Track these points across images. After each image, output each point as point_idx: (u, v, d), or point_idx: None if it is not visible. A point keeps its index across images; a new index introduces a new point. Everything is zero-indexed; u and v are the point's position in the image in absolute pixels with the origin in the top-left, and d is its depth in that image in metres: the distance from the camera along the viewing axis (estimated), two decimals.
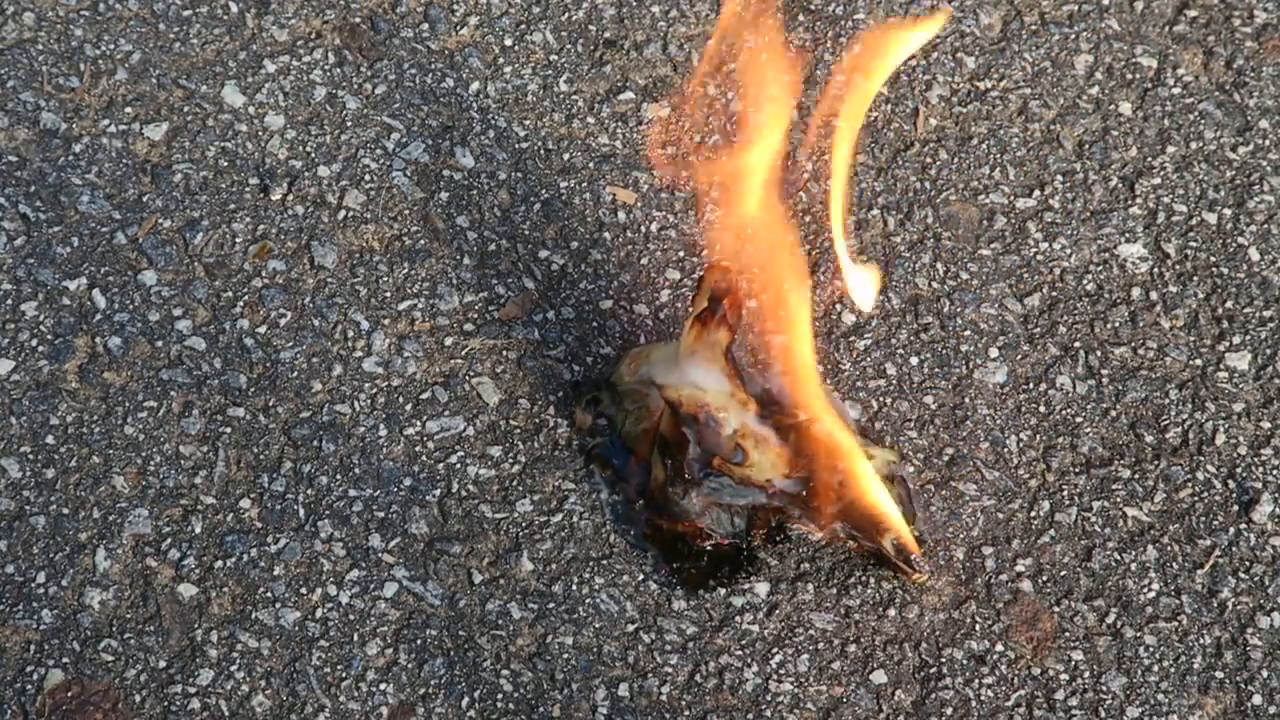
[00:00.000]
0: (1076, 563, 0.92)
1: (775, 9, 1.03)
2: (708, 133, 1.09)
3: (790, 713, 0.87)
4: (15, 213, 1.00)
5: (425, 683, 0.86)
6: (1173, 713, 0.88)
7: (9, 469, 0.91)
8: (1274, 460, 0.96)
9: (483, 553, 0.91)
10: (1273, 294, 1.03)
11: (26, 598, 0.87)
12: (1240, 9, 1.16)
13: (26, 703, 0.84)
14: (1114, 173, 1.08)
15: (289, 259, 1.00)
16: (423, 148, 1.06)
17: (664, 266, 1.02)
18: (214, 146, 1.04)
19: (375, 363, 0.97)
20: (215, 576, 0.89)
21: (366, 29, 1.11)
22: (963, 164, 1.07)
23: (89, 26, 1.08)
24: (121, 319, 0.97)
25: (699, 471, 0.87)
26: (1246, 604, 0.91)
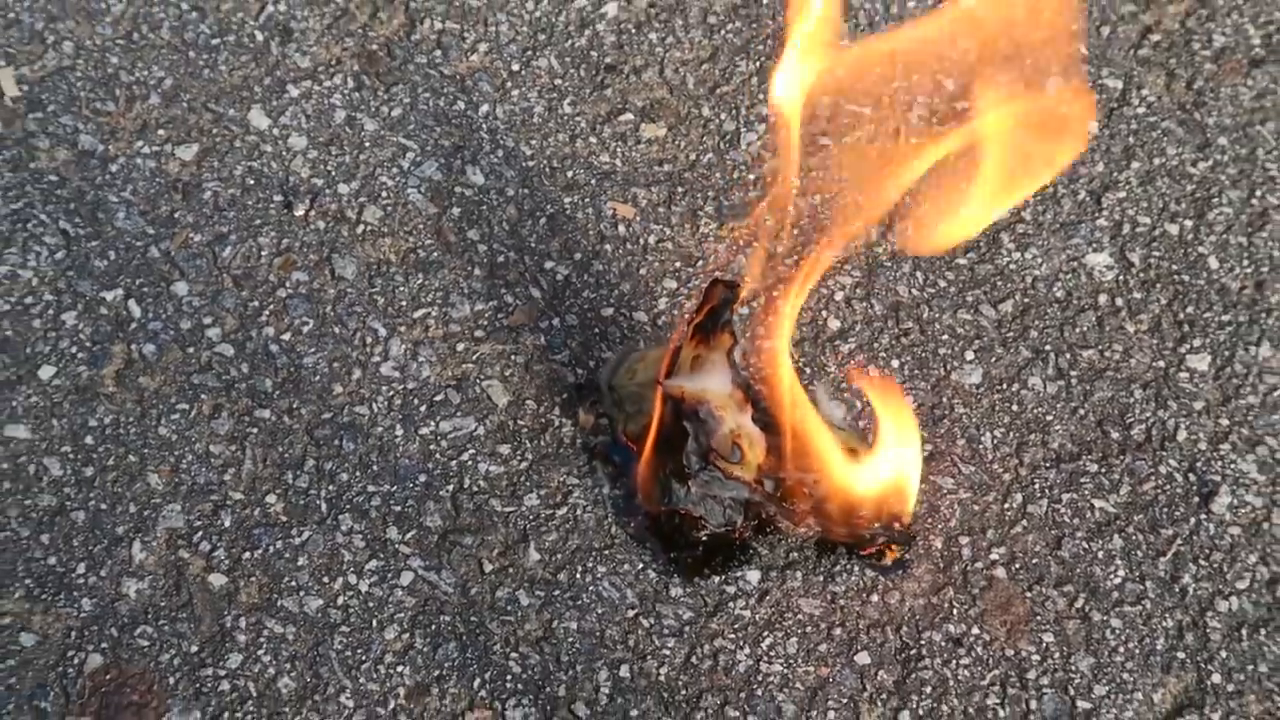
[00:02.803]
0: (1047, 551, 0.93)
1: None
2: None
3: (780, 692, 0.87)
4: (56, 228, 1.01)
5: (439, 665, 0.87)
6: (1137, 691, 0.88)
7: (51, 467, 0.91)
8: (1232, 455, 0.97)
9: (493, 544, 0.91)
10: (1230, 300, 1.03)
11: (67, 587, 0.88)
12: (1200, 34, 1.16)
13: (68, 685, 0.84)
14: (1082, 186, 1.08)
15: (311, 270, 1.01)
16: (436, 166, 1.06)
17: (661, 276, 1.03)
18: (241, 166, 1.05)
19: (392, 367, 0.97)
20: (243, 567, 0.89)
21: (383, 55, 1.11)
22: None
23: (124, 54, 1.09)
24: (155, 327, 0.97)
25: (696, 465, 0.87)
26: (1206, 589, 0.92)
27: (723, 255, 1.03)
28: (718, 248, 1.04)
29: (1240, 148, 1.11)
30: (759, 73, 1.12)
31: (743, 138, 1.09)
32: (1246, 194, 1.08)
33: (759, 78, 1.12)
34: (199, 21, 1.11)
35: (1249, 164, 1.10)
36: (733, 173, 1.07)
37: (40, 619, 0.86)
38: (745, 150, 1.08)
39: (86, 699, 0.84)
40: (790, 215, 1.04)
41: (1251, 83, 1.14)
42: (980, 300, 1.03)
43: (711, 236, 1.04)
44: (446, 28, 1.13)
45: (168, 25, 1.11)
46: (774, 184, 1.04)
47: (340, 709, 0.85)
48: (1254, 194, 1.09)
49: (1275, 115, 1.12)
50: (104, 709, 0.84)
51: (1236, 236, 1.07)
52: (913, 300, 1.02)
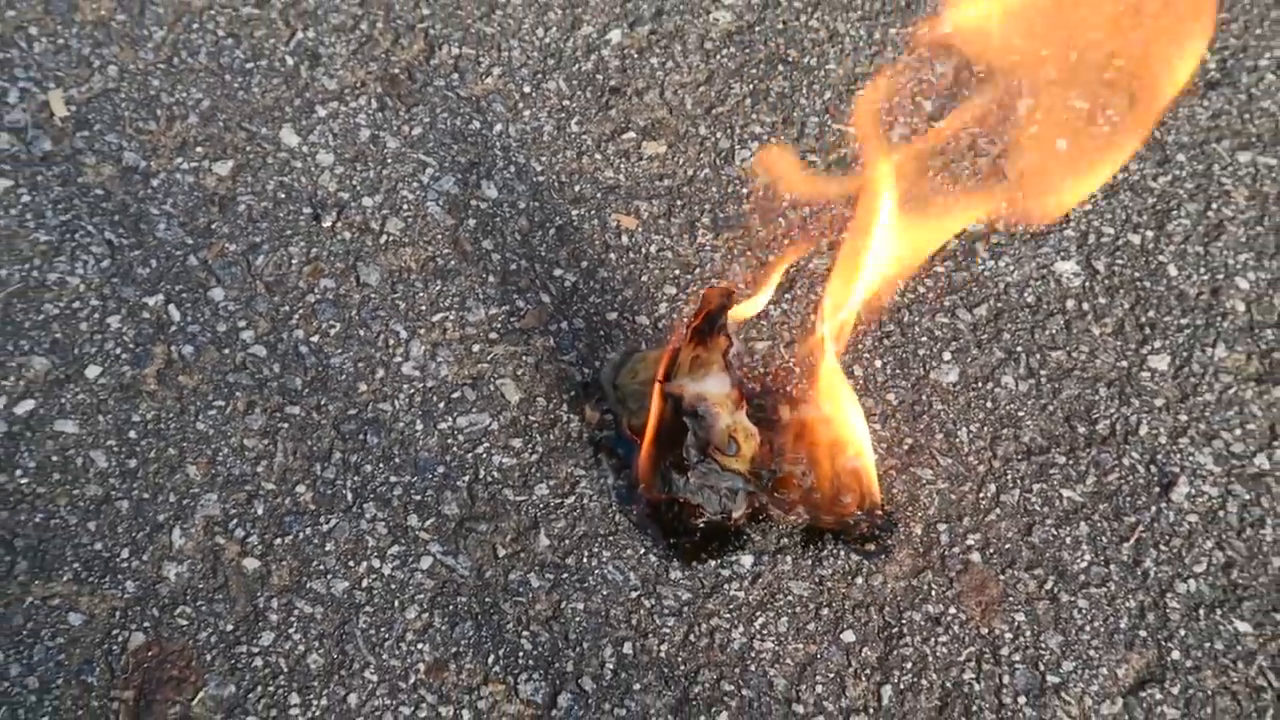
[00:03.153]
0: (1019, 537, 0.93)
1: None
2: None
3: (772, 667, 0.87)
4: (101, 239, 1.01)
5: (456, 642, 0.87)
6: (1102, 666, 0.88)
7: (97, 460, 0.92)
8: (1190, 448, 0.97)
9: (506, 530, 0.91)
10: (1188, 305, 1.04)
11: (112, 571, 0.88)
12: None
13: (113, 661, 0.85)
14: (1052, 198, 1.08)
15: (338, 277, 1.01)
16: (453, 181, 1.07)
17: (662, 283, 1.03)
18: (273, 181, 1.05)
19: (412, 367, 0.97)
20: (275, 552, 0.89)
21: (405, 79, 1.12)
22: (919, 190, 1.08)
23: (164, 77, 1.09)
24: (193, 330, 0.98)
25: (695, 457, 0.87)
26: (1166, 572, 0.92)
27: (719, 263, 1.03)
28: (714, 256, 1.04)
29: (1197, 164, 1.11)
30: (752, 94, 1.12)
31: (737, 154, 1.09)
32: (1203, 206, 1.09)
33: (752, 99, 1.12)
34: (234, 47, 1.11)
35: (1205, 179, 1.10)
36: (728, 187, 1.07)
37: (87, 600, 0.87)
38: (739, 166, 1.08)
39: (130, 674, 0.84)
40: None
41: (1207, 104, 1.14)
42: (957, 305, 1.03)
43: (708, 246, 1.04)
44: (463, 53, 1.13)
45: (205, 51, 1.11)
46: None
47: (365, 683, 0.85)
48: (1210, 206, 1.09)
49: (1229, 134, 1.12)
50: (146, 683, 0.84)
51: (1194, 246, 1.07)
52: (894, 305, 1.02)
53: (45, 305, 0.97)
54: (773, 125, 1.10)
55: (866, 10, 1.17)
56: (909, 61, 1.15)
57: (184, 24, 1.12)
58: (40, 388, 0.94)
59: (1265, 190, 1.10)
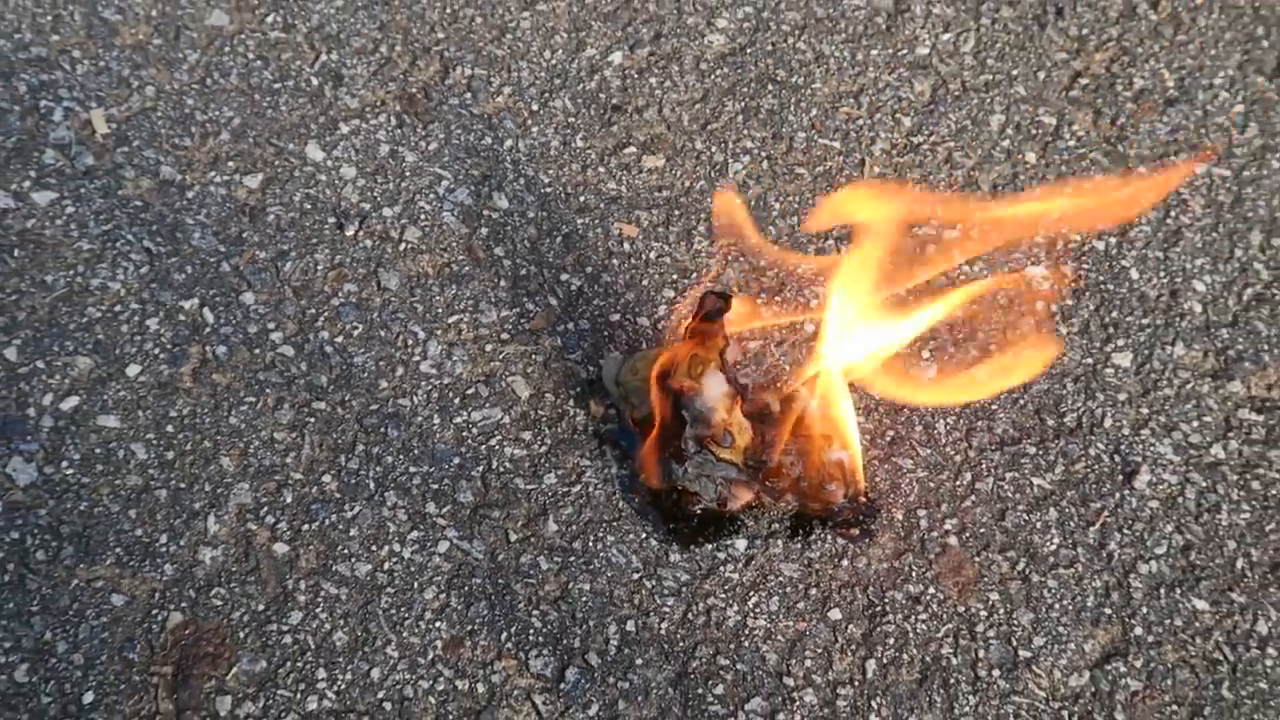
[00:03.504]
0: (993, 522, 0.93)
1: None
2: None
3: (764, 643, 0.87)
4: (140, 247, 1.01)
5: (471, 621, 0.87)
6: (1070, 642, 0.88)
7: (137, 452, 0.91)
8: (1151, 439, 0.97)
9: (517, 517, 0.91)
10: (1149, 306, 1.03)
11: (152, 555, 0.88)
12: (1122, 77, 1.16)
13: (153, 639, 0.85)
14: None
15: (360, 282, 1.01)
16: (467, 193, 1.06)
17: (661, 287, 1.03)
18: (299, 193, 1.05)
19: (430, 365, 0.97)
20: (303, 537, 0.89)
21: (421, 97, 1.11)
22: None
23: (198, 97, 1.09)
24: (226, 331, 0.97)
25: (692, 449, 0.87)
26: (1129, 554, 0.92)
27: (714, 269, 1.03)
28: (709, 262, 1.04)
29: (1157, 174, 1.11)
30: (744, 111, 1.12)
31: (730, 167, 1.09)
32: (1162, 215, 1.08)
33: (744, 116, 1.12)
34: (263, 69, 1.11)
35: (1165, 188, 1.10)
36: None
37: (128, 582, 0.86)
38: (732, 178, 1.08)
39: (168, 650, 0.84)
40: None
41: (1166, 119, 1.14)
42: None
43: (704, 252, 1.04)
44: (475, 73, 1.13)
45: (236, 72, 1.11)
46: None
47: (387, 659, 0.85)
48: (1169, 215, 1.09)
49: (1187, 147, 1.12)
50: (183, 659, 0.84)
51: (1154, 251, 1.07)
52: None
53: (89, 309, 0.97)
54: (763, 140, 1.10)
55: (849, 34, 1.17)
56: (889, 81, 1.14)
57: (216, 47, 1.12)
58: (84, 385, 0.94)
59: (1220, 199, 1.10)
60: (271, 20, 1.13)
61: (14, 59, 1.08)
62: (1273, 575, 0.91)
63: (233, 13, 1.14)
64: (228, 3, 1.14)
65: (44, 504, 0.89)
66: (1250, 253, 1.07)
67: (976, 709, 0.86)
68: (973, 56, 1.17)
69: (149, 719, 0.82)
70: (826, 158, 1.10)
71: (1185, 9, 1.20)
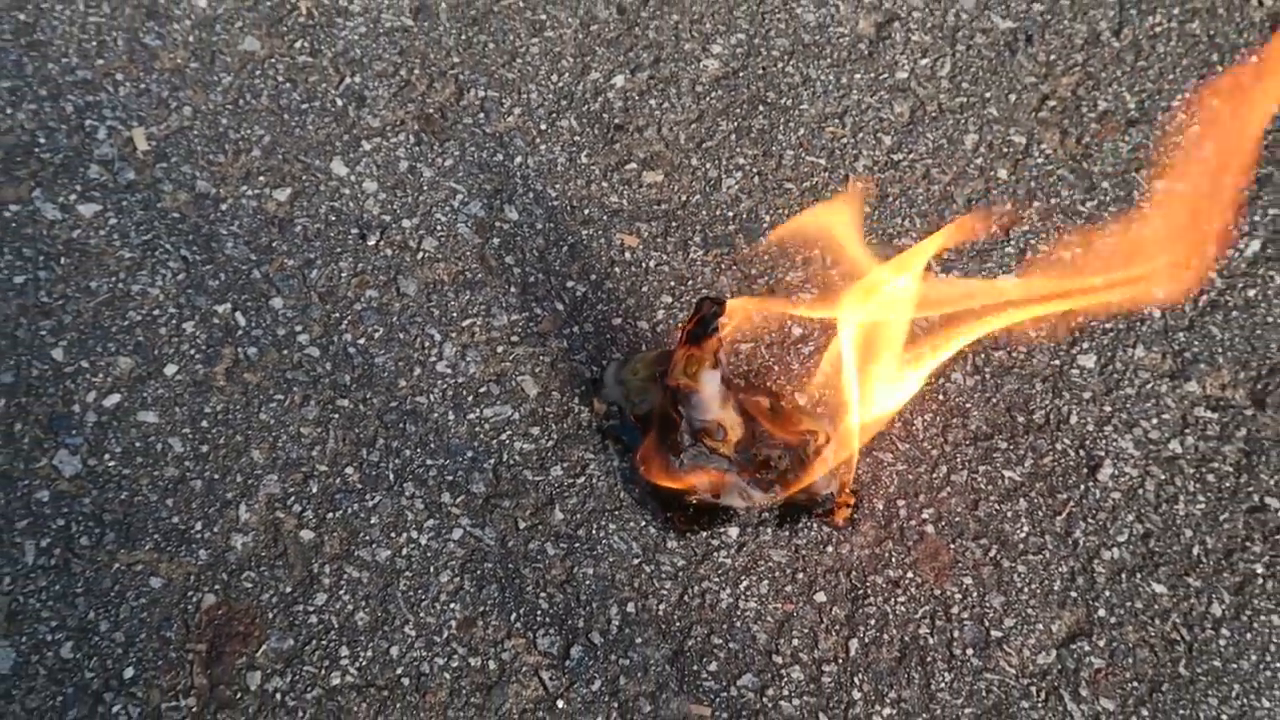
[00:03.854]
0: (967, 511, 0.93)
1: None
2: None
3: (755, 624, 0.87)
4: (178, 255, 1.01)
5: (483, 603, 0.87)
6: (1039, 622, 0.88)
7: (174, 445, 0.91)
8: (1113, 435, 0.97)
9: (526, 506, 0.91)
10: (1112, 311, 1.03)
11: (188, 541, 0.88)
12: (1087, 100, 1.16)
13: (188, 619, 0.85)
14: (994, 222, 1.08)
15: (381, 288, 1.01)
16: (480, 206, 1.06)
17: (659, 293, 1.03)
18: (325, 205, 1.05)
19: (445, 365, 0.97)
20: (327, 525, 0.89)
21: (438, 117, 1.11)
22: (882, 216, 1.08)
23: (232, 116, 1.09)
24: (257, 333, 0.97)
25: (687, 442, 0.87)
26: (1093, 542, 0.92)
27: (709, 276, 1.03)
28: (704, 270, 1.04)
29: (1119, 190, 1.11)
30: (736, 131, 1.12)
31: (723, 183, 1.09)
32: (1125, 227, 1.08)
33: (737, 135, 1.12)
34: (291, 90, 1.11)
35: (1126, 203, 1.10)
36: (716, 210, 1.07)
37: (166, 566, 0.86)
38: (725, 193, 1.08)
39: (202, 629, 0.84)
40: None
41: (1129, 138, 1.14)
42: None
43: (699, 261, 1.04)
44: (488, 95, 1.13)
45: (266, 94, 1.11)
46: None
47: (405, 638, 0.85)
48: (1130, 227, 1.08)
49: (1148, 164, 1.12)
50: (216, 638, 0.84)
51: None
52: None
53: (129, 313, 0.97)
54: (754, 157, 1.10)
55: (834, 59, 1.17)
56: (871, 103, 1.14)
57: (248, 70, 1.12)
58: (125, 384, 0.94)
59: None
60: (299, 46, 1.13)
61: (61, 81, 1.08)
62: (1226, 561, 0.91)
63: (263, 39, 1.14)
64: (259, 30, 1.14)
65: (88, 493, 0.89)
66: (1206, 262, 1.07)
67: (952, 685, 0.86)
68: (949, 80, 1.16)
69: (185, 693, 0.82)
70: (813, 174, 1.10)
71: (1145, 37, 1.20)
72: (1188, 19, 1.21)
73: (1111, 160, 1.13)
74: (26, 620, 0.83)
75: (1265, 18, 1.22)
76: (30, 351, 0.95)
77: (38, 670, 0.82)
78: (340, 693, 0.83)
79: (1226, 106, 1.06)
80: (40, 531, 0.87)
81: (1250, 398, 0.99)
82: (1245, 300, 1.04)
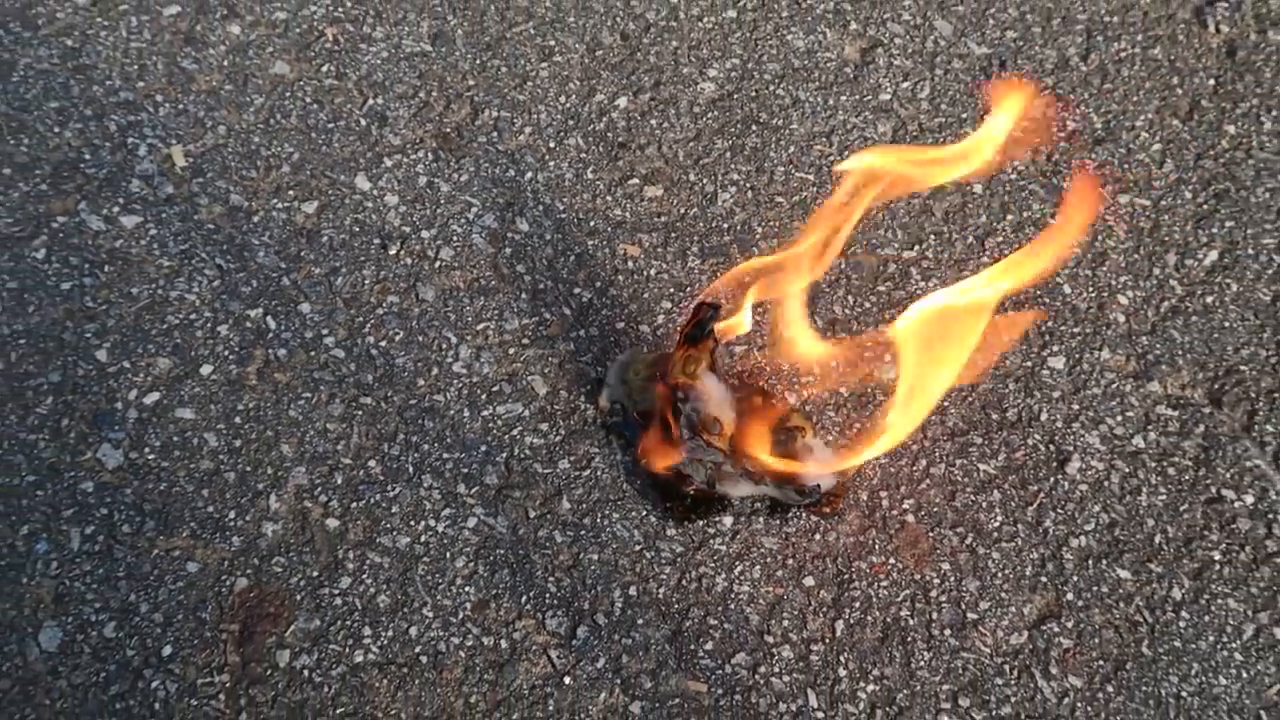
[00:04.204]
0: (945, 502, 0.92)
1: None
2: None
3: (748, 606, 0.87)
4: (213, 264, 1.01)
5: (496, 586, 0.87)
6: (1011, 605, 0.88)
7: (209, 440, 0.91)
8: (1081, 431, 0.96)
9: (535, 496, 0.91)
10: (1079, 316, 1.03)
11: (222, 529, 0.88)
12: (1056, 120, 1.16)
13: (222, 601, 0.84)
14: (970, 233, 1.08)
15: (401, 295, 1.01)
16: (493, 218, 1.06)
17: (659, 299, 1.02)
18: (349, 217, 1.05)
19: (461, 366, 0.97)
20: (351, 513, 0.89)
21: (455, 136, 1.11)
22: (865, 227, 1.08)
23: (263, 135, 1.09)
24: (286, 336, 0.97)
25: (686, 436, 0.87)
26: (1062, 530, 0.92)
27: (705, 283, 1.03)
28: (701, 278, 1.04)
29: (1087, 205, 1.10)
30: (731, 149, 1.12)
31: (719, 197, 1.09)
32: (1091, 238, 1.08)
33: (731, 152, 1.12)
34: (319, 111, 1.11)
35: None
36: (712, 223, 1.07)
37: (201, 552, 0.86)
38: (721, 206, 1.08)
39: (235, 610, 0.84)
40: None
41: (1094, 156, 1.14)
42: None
43: (696, 270, 1.04)
44: (501, 115, 1.13)
45: (295, 114, 1.11)
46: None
47: (423, 619, 0.85)
48: (1096, 239, 1.08)
49: (1112, 180, 1.12)
50: (248, 618, 0.84)
51: (1084, 270, 1.06)
52: (845, 317, 1.02)
53: (168, 317, 0.97)
54: (747, 173, 1.10)
55: (822, 82, 1.17)
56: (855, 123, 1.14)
57: (279, 92, 1.12)
58: (164, 383, 0.94)
59: (1140, 225, 1.09)
60: (326, 70, 1.13)
61: (105, 102, 1.08)
62: (1186, 549, 0.91)
63: (293, 63, 1.14)
64: (288, 54, 1.14)
65: (129, 484, 0.89)
66: (1167, 271, 1.07)
67: (930, 663, 0.85)
68: (928, 102, 1.16)
69: (219, 670, 0.82)
70: (802, 189, 1.09)
71: (1111, 62, 1.20)
72: (1150, 45, 1.21)
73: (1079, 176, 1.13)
74: (72, 602, 0.83)
75: (1221, 44, 1.22)
76: (76, 353, 0.94)
77: (83, 649, 0.82)
78: (363, 670, 0.83)
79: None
80: (85, 520, 0.87)
81: (1208, 397, 0.99)
82: (1204, 306, 1.04)
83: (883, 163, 0.83)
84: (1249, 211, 1.10)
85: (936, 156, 0.85)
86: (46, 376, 0.93)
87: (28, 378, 0.93)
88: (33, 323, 0.95)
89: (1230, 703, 0.85)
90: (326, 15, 1.17)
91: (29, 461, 0.89)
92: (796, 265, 0.88)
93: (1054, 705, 0.84)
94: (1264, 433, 0.97)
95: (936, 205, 1.10)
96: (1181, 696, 0.85)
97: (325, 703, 0.81)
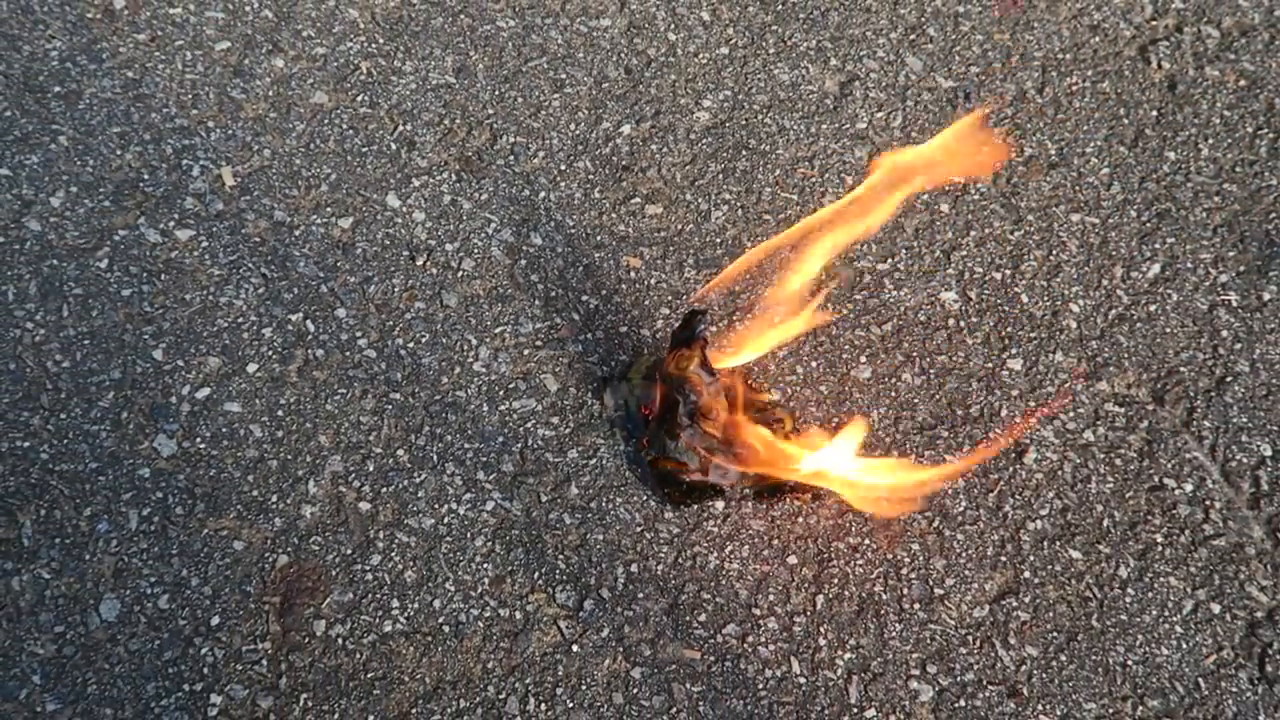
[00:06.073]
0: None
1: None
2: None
3: (737, 582, 0.86)
4: (258, 273, 1.00)
5: (511, 563, 0.86)
6: (974, 582, 0.87)
7: (254, 431, 0.91)
8: (1037, 426, 0.96)
9: (547, 483, 0.90)
10: (1036, 323, 1.03)
11: (265, 511, 0.87)
12: (1015, 147, 1.16)
13: (265, 576, 0.84)
14: (938, 247, 1.08)
15: (427, 301, 1.00)
16: (510, 233, 1.06)
17: (659, 306, 1.02)
18: (381, 232, 1.04)
19: (480, 365, 0.97)
20: (381, 497, 0.88)
21: (476, 159, 1.11)
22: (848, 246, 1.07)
23: (304, 157, 1.08)
24: (324, 338, 0.97)
25: (685, 423, 0.87)
26: (1020, 514, 0.91)
27: (698, 293, 1.03)
28: (696, 287, 1.03)
29: (1042, 222, 1.10)
30: (723, 171, 1.11)
31: (712, 214, 1.08)
32: (1046, 252, 1.08)
33: (723, 174, 1.11)
34: (354, 136, 1.10)
35: (1048, 232, 1.09)
36: (706, 237, 1.07)
37: (247, 532, 0.86)
38: (714, 223, 1.08)
39: (277, 584, 0.84)
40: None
41: (1049, 179, 1.13)
42: (870, 322, 1.02)
43: (692, 280, 1.03)
44: (517, 141, 1.12)
45: (333, 139, 1.10)
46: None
47: (445, 592, 0.84)
48: (1051, 253, 1.08)
49: (1065, 200, 1.12)
50: (289, 592, 0.83)
51: (1040, 280, 1.06)
52: (825, 322, 1.02)
53: (218, 320, 0.97)
54: (738, 193, 1.10)
55: (805, 112, 1.16)
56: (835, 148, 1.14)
57: (318, 119, 1.11)
58: (214, 380, 0.93)
59: (1091, 241, 1.09)
60: (360, 99, 1.13)
61: (162, 128, 1.08)
62: (1131, 532, 0.91)
63: (331, 93, 1.13)
64: (327, 85, 1.14)
65: (182, 471, 0.88)
66: (1114, 282, 1.06)
67: (901, 634, 0.85)
68: (900, 130, 1.16)
69: (261, 638, 0.81)
70: (787, 208, 1.09)
71: (1064, 95, 1.19)
72: (1099, 80, 1.21)
73: (1035, 196, 1.12)
74: (130, 576, 0.83)
75: (1163, 79, 1.21)
76: (135, 352, 0.94)
77: (139, 618, 0.81)
78: (391, 638, 0.82)
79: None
80: (142, 503, 0.86)
81: (1152, 395, 0.98)
82: (1148, 314, 1.04)
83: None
84: (1188, 229, 1.10)
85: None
86: (108, 374, 0.92)
87: (91, 375, 0.92)
88: (96, 325, 0.95)
89: (1171, 671, 0.84)
90: (362, 50, 1.16)
91: (92, 450, 0.88)
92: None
93: (1012, 672, 0.83)
94: (1201, 428, 0.96)
95: (907, 222, 1.09)
96: (1128, 665, 0.84)
97: (357, 668, 0.81)
